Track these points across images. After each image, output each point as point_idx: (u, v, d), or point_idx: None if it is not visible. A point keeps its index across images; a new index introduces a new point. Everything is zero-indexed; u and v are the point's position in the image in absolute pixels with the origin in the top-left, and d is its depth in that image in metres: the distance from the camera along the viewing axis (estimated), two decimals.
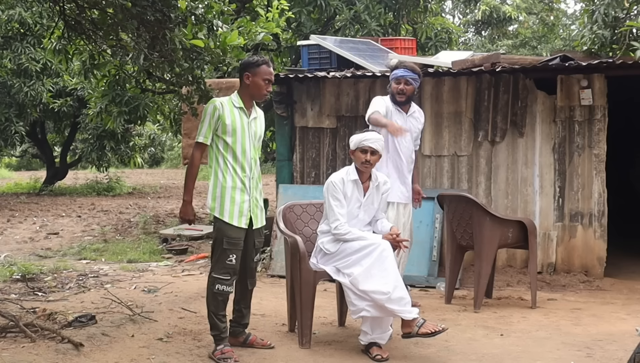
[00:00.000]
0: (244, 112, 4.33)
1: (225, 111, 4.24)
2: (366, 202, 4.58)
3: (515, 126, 6.87)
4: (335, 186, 4.52)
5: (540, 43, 22.09)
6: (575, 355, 4.39)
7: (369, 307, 4.26)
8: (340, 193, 4.51)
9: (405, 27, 11.78)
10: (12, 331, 4.46)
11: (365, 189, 4.59)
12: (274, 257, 7.00)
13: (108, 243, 9.39)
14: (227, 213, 4.25)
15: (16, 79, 13.57)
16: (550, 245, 6.73)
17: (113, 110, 9.72)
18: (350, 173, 4.58)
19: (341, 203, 4.49)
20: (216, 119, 4.22)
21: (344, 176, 4.57)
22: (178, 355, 4.31)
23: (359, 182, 4.56)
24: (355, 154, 4.56)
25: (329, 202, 4.52)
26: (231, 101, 4.31)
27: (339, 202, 4.49)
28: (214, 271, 4.29)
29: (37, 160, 26.82)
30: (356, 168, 4.59)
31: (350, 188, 4.54)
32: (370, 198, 4.60)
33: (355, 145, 4.55)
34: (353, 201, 4.55)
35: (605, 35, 7.43)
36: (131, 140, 17.71)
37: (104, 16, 5.18)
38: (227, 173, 4.26)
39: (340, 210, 4.48)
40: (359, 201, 4.56)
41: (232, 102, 4.31)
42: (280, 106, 7.46)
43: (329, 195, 4.52)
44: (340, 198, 4.50)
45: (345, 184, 4.53)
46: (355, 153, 4.56)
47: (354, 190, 4.55)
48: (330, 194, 4.52)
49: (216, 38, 5.45)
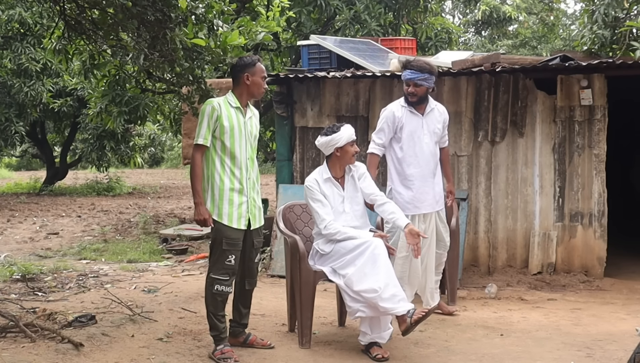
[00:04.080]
0: (241, 112, 4.32)
1: (222, 112, 4.23)
2: (348, 194, 4.58)
3: (515, 126, 6.87)
4: (311, 188, 4.52)
5: (540, 43, 22.08)
6: (575, 355, 4.39)
7: (363, 308, 4.26)
8: (318, 194, 4.50)
9: (405, 27, 11.78)
10: (12, 331, 4.46)
11: (343, 183, 4.60)
12: (274, 257, 7.00)
13: (108, 243, 9.39)
14: (226, 215, 4.24)
15: (16, 79, 13.57)
16: (550, 245, 6.73)
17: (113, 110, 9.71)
18: (323, 173, 4.59)
19: (322, 203, 4.49)
20: (214, 120, 4.21)
21: (317, 177, 4.57)
22: (178, 355, 4.31)
23: (332, 179, 4.56)
24: (345, 149, 4.52)
25: (311, 206, 4.53)
26: (227, 101, 4.29)
27: (320, 203, 4.49)
28: (213, 271, 4.28)
29: (37, 160, 26.81)
30: (328, 167, 4.58)
31: (327, 186, 4.55)
32: (350, 188, 4.60)
33: (345, 140, 4.50)
34: (335, 197, 4.55)
35: (605, 35, 7.43)
36: (131, 140, 17.71)
37: (104, 16, 5.18)
38: (224, 175, 4.25)
39: (324, 210, 4.47)
40: (340, 196, 4.57)
41: (229, 102, 4.30)
42: (280, 106, 7.45)
43: (309, 199, 4.53)
44: (320, 198, 4.50)
45: (321, 184, 4.53)
46: (344, 149, 4.52)
47: (332, 187, 4.56)
48: (310, 197, 4.52)
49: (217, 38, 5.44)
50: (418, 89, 5.13)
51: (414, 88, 5.12)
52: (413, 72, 5.11)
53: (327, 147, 4.54)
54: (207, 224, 4.26)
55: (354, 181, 4.63)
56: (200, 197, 4.24)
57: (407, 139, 5.19)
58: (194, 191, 4.27)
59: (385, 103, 7.12)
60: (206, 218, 4.23)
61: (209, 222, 4.25)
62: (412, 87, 5.12)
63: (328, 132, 4.54)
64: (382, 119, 5.26)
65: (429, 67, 5.15)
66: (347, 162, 4.58)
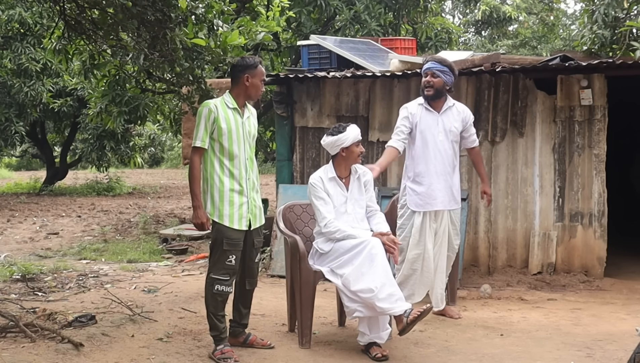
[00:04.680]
0: (238, 112, 4.31)
1: (219, 114, 4.22)
2: (351, 196, 4.58)
3: (515, 126, 6.87)
4: (315, 186, 4.52)
5: (540, 43, 22.07)
6: (575, 355, 4.39)
7: (360, 308, 4.27)
8: (321, 192, 4.51)
9: (405, 27, 11.78)
10: (12, 331, 4.46)
11: (347, 183, 4.60)
12: (274, 257, 7.00)
13: (108, 243, 9.39)
14: (227, 217, 4.24)
15: (16, 79, 13.57)
16: (550, 245, 6.73)
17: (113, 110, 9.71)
18: (329, 171, 4.59)
19: (325, 201, 4.49)
20: (212, 122, 4.20)
21: (322, 175, 4.57)
22: (178, 355, 4.31)
23: (337, 178, 4.57)
24: (351, 149, 4.53)
25: (313, 203, 4.53)
26: (224, 102, 4.29)
27: (323, 201, 4.49)
28: (213, 271, 4.28)
29: (37, 160, 26.82)
30: (334, 167, 4.59)
31: (331, 185, 4.55)
32: (355, 191, 4.60)
33: (351, 141, 4.51)
34: (337, 197, 4.55)
35: (605, 35, 7.42)
36: (131, 140, 17.71)
37: (104, 16, 5.17)
38: (224, 176, 4.24)
39: (325, 208, 4.48)
40: (343, 196, 4.56)
41: (226, 103, 4.29)
42: (280, 106, 7.46)
43: (311, 196, 4.53)
44: (324, 196, 4.50)
45: (325, 183, 4.54)
46: (350, 149, 4.53)
47: (336, 186, 4.56)
48: (313, 194, 4.53)
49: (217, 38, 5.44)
50: (435, 80, 5.15)
51: (431, 78, 5.16)
52: (434, 63, 5.17)
53: (333, 147, 4.55)
54: (205, 227, 4.25)
55: (360, 183, 4.63)
56: (199, 200, 4.23)
57: (421, 136, 5.25)
58: (192, 194, 4.25)
59: (385, 103, 7.17)
60: (204, 221, 4.23)
61: (207, 226, 4.25)
62: (430, 77, 5.16)
63: (334, 132, 4.55)
64: (399, 116, 5.34)
65: (448, 62, 5.22)
66: (352, 162, 4.59)
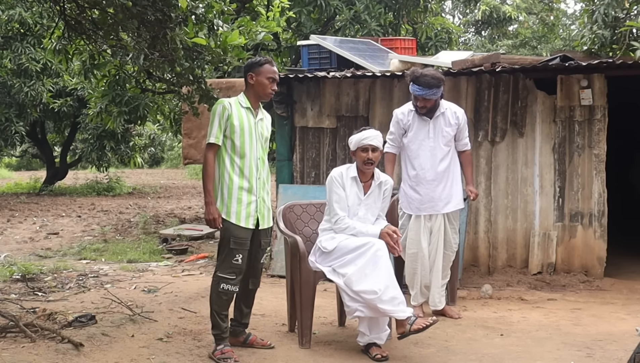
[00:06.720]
0: (251, 112, 4.34)
1: (233, 111, 4.24)
2: (367, 200, 4.57)
3: (515, 126, 6.87)
4: (334, 179, 4.54)
5: (540, 43, 22.07)
6: (575, 355, 4.39)
7: (362, 308, 4.26)
8: (339, 187, 4.52)
9: (405, 27, 11.79)
10: (12, 331, 4.46)
11: (367, 188, 4.59)
12: (274, 257, 7.00)
13: (108, 243, 9.39)
14: (234, 214, 4.24)
15: (16, 79, 13.58)
16: (550, 244, 6.73)
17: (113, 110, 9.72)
18: (351, 170, 4.59)
19: (341, 197, 4.50)
20: (225, 120, 4.23)
21: (344, 171, 4.58)
22: (178, 355, 4.31)
23: (357, 179, 4.56)
24: (357, 154, 4.55)
25: (329, 197, 4.54)
26: (238, 102, 4.32)
27: (339, 196, 4.50)
28: (220, 270, 4.28)
29: (37, 160, 26.83)
30: (357, 168, 4.59)
31: (349, 183, 4.54)
32: (372, 197, 4.59)
33: (355, 145, 4.55)
34: (352, 197, 4.54)
35: (605, 35, 7.42)
36: (131, 140, 17.72)
37: (104, 16, 5.18)
38: (234, 174, 4.25)
39: (339, 205, 4.49)
40: (359, 198, 4.56)
41: (240, 102, 4.32)
42: (280, 106, 7.45)
43: (328, 189, 4.56)
44: (340, 192, 4.51)
45: (344, 179, 4.54)
46: (356, 153, 4.56)
47: (353, 186, 4.55)
48: (330, 188, 4.55)
49: (217, 38, 5.45)
50: (427, 103, 5.20)
51: (424, 102, 5.20)
52: (421, 89, 5.12)
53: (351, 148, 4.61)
54: (216, 224, 4.23)
55: (380, 191, 4.61)
56: (211, 196, 4.24)
57: (412, 141, 5.32)
58: (205, 190, 4.26)
59: (385, 103, 7.17)
60: (216, 217, 4.22)
61: (219, 222, 4.23)
62: (422, 102, 5.20)
63: (354, 133, 4.63)
64: (392, 121, 5.46)
65: (436, 80, 5.14)
66: (360, 166, 4.56)
